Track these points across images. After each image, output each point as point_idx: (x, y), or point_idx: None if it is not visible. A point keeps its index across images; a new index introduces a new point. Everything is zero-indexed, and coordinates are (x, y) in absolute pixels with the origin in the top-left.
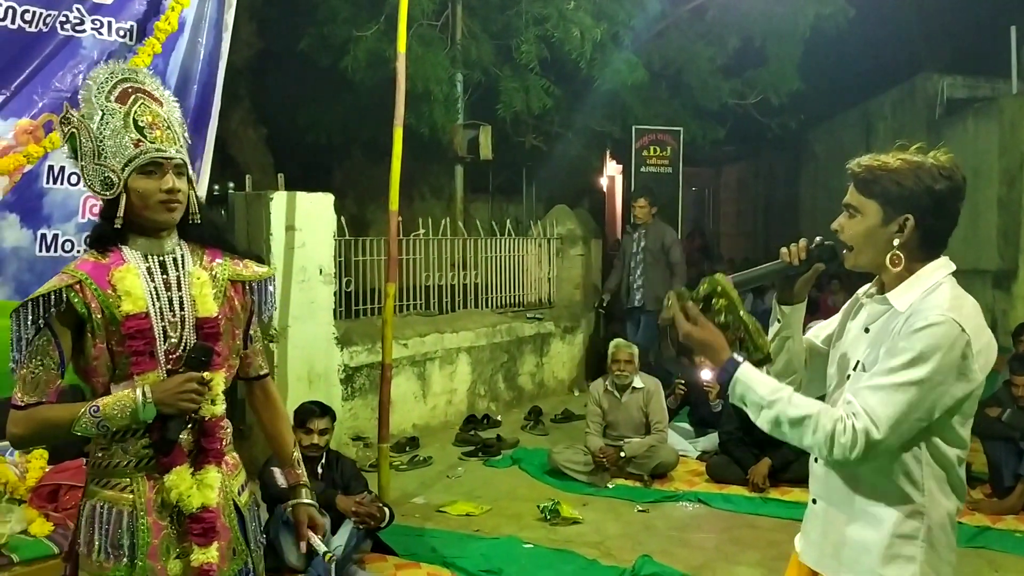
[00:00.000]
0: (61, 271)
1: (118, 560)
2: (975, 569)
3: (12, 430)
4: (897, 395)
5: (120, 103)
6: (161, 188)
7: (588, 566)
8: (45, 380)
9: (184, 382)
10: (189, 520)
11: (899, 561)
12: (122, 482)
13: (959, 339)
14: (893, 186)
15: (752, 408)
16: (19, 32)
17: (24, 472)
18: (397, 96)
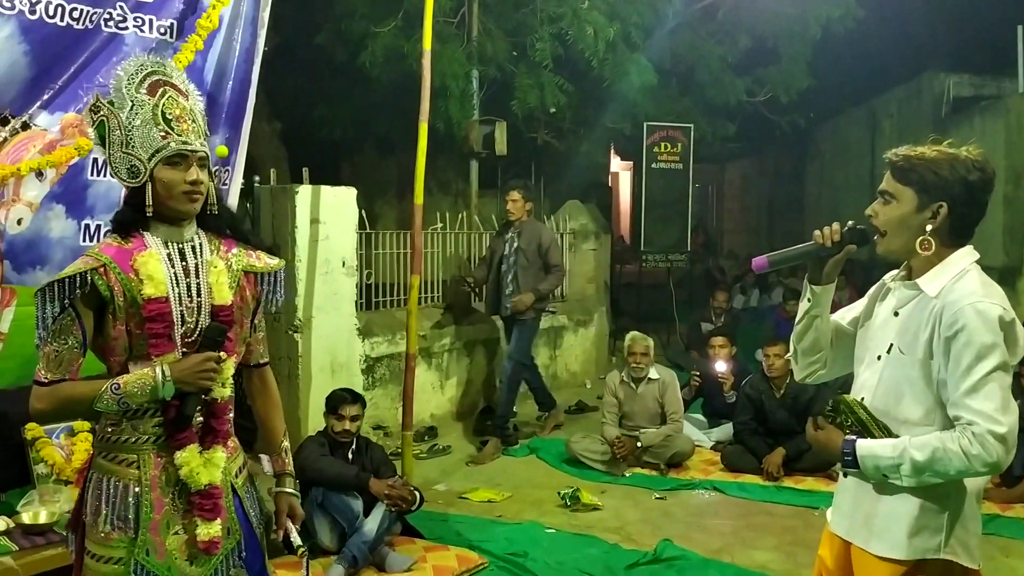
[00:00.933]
0: (85, 254)
1: (122, 532)
2: (986, 554)
3: (35, 405)
4: (990, 386)
5: (149, 95)
6: (186, 179)
7: (610, 549)
8: (68, 359)
9: (202, 361)
10: (197, 496)
11: (926, 532)
12: (129, 458)
13: (1005, 316)
14: (930, 175)
15: (891, 473)
16: (67, 29)
17: (70, 454)
18: (422, 93)
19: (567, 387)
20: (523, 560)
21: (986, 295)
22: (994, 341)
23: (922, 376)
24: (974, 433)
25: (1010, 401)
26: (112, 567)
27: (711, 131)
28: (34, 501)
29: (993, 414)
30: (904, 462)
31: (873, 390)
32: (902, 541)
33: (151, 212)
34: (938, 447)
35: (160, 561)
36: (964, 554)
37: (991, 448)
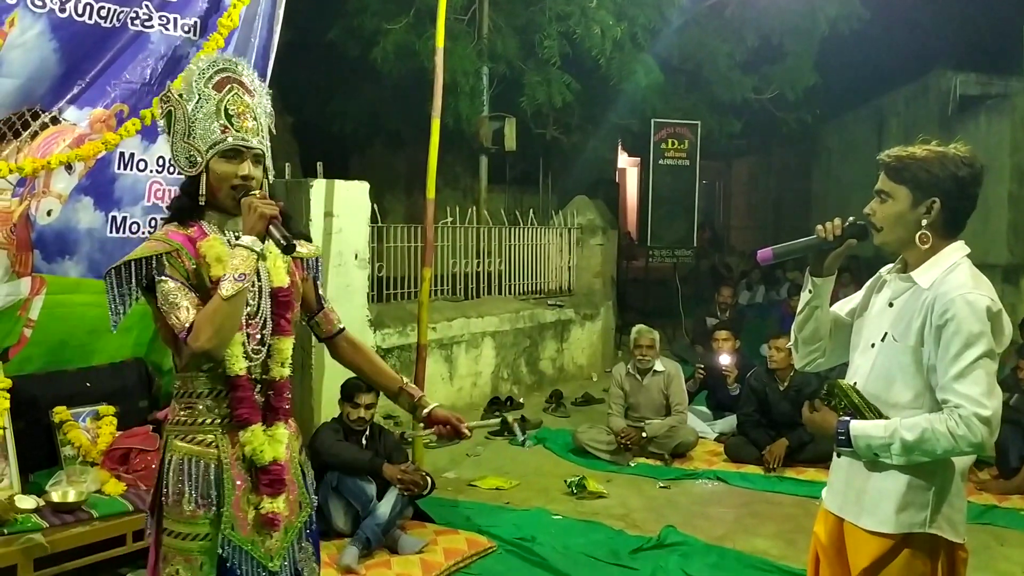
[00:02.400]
0: (152, 238)
1: (207, 509)
2: (982, 543)
3: (202, 346)
4: (976, 372)
5: (216, 90)
6: (238, 173)
7: (616, 535)
8: (191, 302)
9: (248, 207)
10: (260, 472)
11: (913, 508)
12: (207, 438)
13: (992, 307)
14: (922, 172)
15: (882, 452)
16: (95, 27)
17: (95, 437)
18: (435, 89)
19: (574, 380)
20: (530, 544)
21: (975, 287)
22: (981, 330)
23: (913, 362)
24: (961, 415)
25: (995, 386)
26: (198, 543)
27: (718, 128)
28: (62, 481)
29: (979, 398)
30: (894, 441)
31: (866, 375)
32: (890, 516)
33: (203, 201)
34: (926, 428)
35: (244, 535)
36: (949, 529)
37: (976, 430)
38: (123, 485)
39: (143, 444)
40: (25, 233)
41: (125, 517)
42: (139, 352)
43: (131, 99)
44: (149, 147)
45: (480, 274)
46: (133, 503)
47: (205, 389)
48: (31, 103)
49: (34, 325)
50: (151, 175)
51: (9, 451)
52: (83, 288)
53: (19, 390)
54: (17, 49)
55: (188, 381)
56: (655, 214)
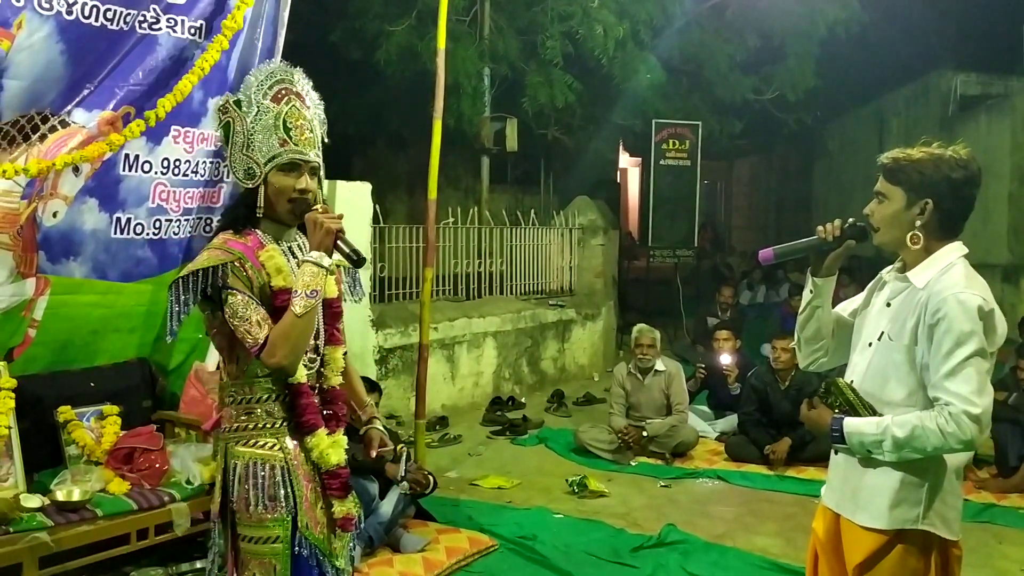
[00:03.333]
0: (212, 247)
1: (276, 511)
2: (981, 541)
3: (279, 362)
4: (967, 370)
5: (274, 103)
6: (296, 187)
7: (616, 534)
8: (261, 317)
9: (313, 223)
10: (327, 477)
11: (906, 504)
12: (269, 441)
13: (984, 307)
14: (916, 174)
15: (875, 449)
16: (102, 29)
17: (99, 436)
18: (437, 91)
19: (575, 379)
20: (532, 543)
21: (968, 287)
22: (973, 329)
23: (907, 360)
24: (951, 413)
25: (986, 385)
26: (271, 546)
27: (719, 128)
28: (66, 480)
29: (969, 396)
30: (886, 438)
31: (863, 374)
32: (884, 512)
33: (262, 213)
34: (917, 425)
35: (317, 534)
36: (942, 526)
37: (966, 427)
38: (127, 484)
39: (147, 443)
40: (31, 234)
41: (129, 516)
42: (143, 352)
43: (138, 101)
44: (154, 149)
45: (482, 274)
46: (137, 502)
47: (263, 395)
48: (40, 106)
49: (38, 325)
50: (156, 177)
51: (14, 450)
52: (87, 289)
53: (24, 390)
54: (24, 51)
55: (245, 388)
56: (656, 214)
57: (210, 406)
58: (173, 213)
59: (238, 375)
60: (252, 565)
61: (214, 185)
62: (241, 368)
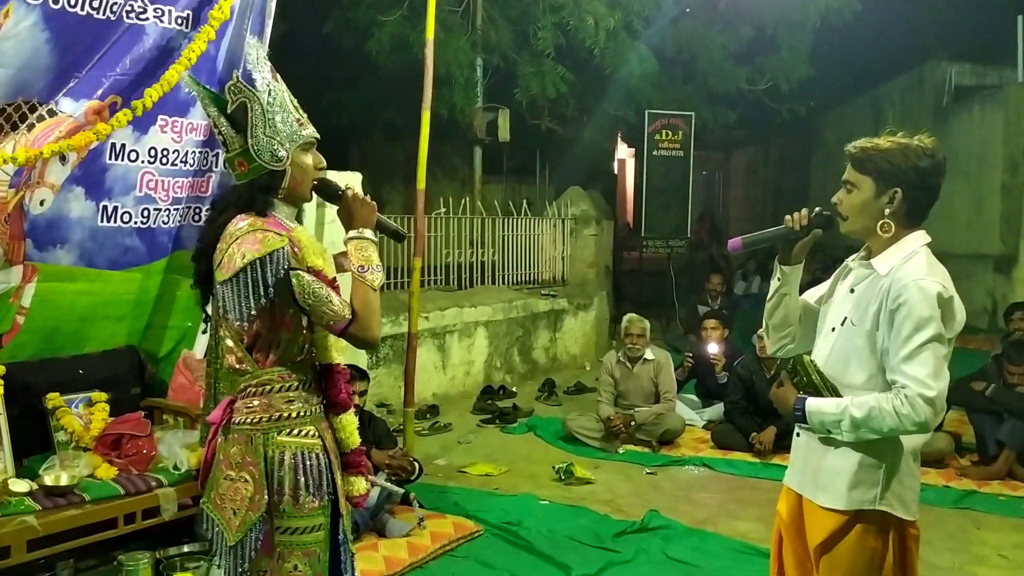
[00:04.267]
0: (259, 229)
1: (322, 499)
2: (960, 527)
3: (366, 334)
4: (924, 354)
5: (275, 80)
6: (316, 165)
7: (600, 519)
8: (333, 292)
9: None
10: (352, 455)
11: (863, 486)
12: (308, 429)
13: (943, 294)
14: (884, 163)
15: (834, 428)
16: (87, 18)
17: (88, 423)
18: (425, 81)
19: (567, 368)
20: (517, 528)
21: (929, 274)
22: (931, 315)
23: (867, 345)
24: (906, 395)
25: (942, 369)
26: (315, 535)
27: (712, 119)
28: (55, 466)
29: (925, 379)
30: (844, 418)
31: (826, 358)
32: (843, 493)
33: (283, 195)
34: (874, 406)
35: (344, 520)
36: (899, 506)
37: (920, 409)
38: (115, 470)
39: (135, 430)
40: (18, 222)
41: (117, 500)
42: (131, 340)
43: (124, 91)
44: (141, 138)
45: (474, 264)
46: (125, 487)
47: (297, 382)
48: (27, 95)
49: (27, 312)
50: (143, 165)
51: (3, 436)
52: (75, 276)
53: (13, 377)
54: (11, 40)
55: (284, 375)
56: (649, 205)
57: (198, 393)
58: (162, 202)
59: (275, 362)
60: (294, 557)
61: (203, 175)
62: (279, 354)
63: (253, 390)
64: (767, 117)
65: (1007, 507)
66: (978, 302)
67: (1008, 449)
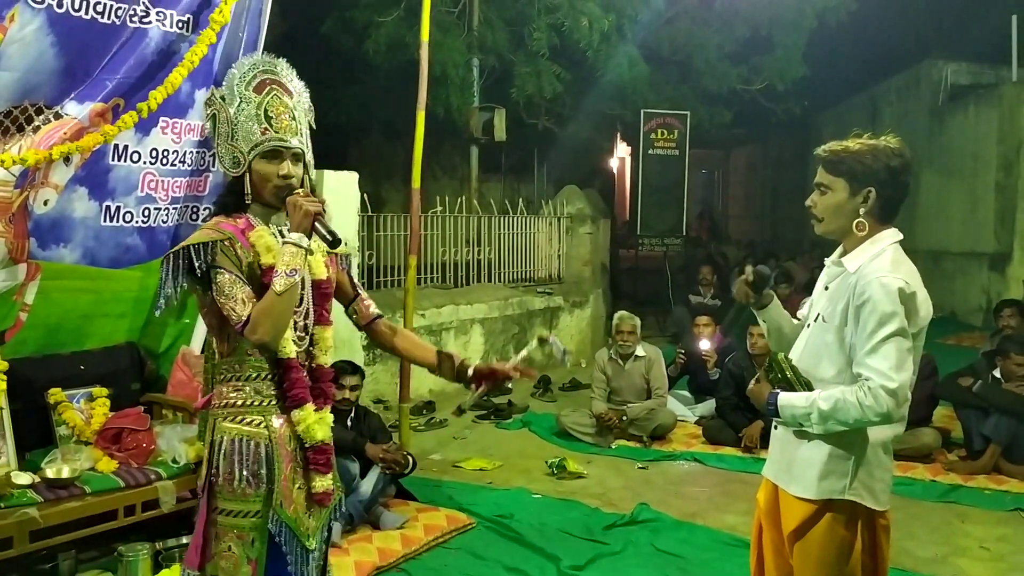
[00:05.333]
0: (205, 227)
1: (258, 487)
2: (944, 520)
3: (260, 338)
4: (886, 347)
5: (256, 93)
6: (278, 173)
7: (591, 513)
8: (246, 295)
9: (293, 206)
10: (311, 451)
11: (833, 476)
12: (256, 419)
13: (905, 289)
14: (857, 164)
15: (804, 421)
16: (92, 23)
17: (89, 417)
18: (420, 82)
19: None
20: (509, 521)
21: (893, 271)
22: (893, 310)
23: (836, 340)
24: (869, 387)
25: (905, 361)
26: (250, 520)
27: (708, 118)
28: (57, 459)
29: (887, 371)
30: (813, 411)
31: (800, 353)
32: (813, 483)
33: (250, 199)
34: (840, 398)
35: (290, 513)
36: (868, 496)
37: (882, 400)
38: (115, 463)
39: (134, 424)
40: (23, 222)
41: (117, 493)
42: (132, 337)
43: (127, 93)
44: (143, 139)
45: (470, 262)
46: (124, 480)
47: (253, 372)
48: (33, 98)
49: (29, 309)
50: (144, 166)
51: (6, 430)
52: (77, 274)
53: (16, 372)
54: (16, 44)
55: (235, 366)
56: (645, 203)
57: (196, 388)
58: (161, 201)
59: (229, 353)
60: (228, 538)
61: (200, 174)
62: (232, 346)
63: (217, 378)
64: (763, 117)
65: (992, 501)
66: (973, 300)
67: (994, 444)
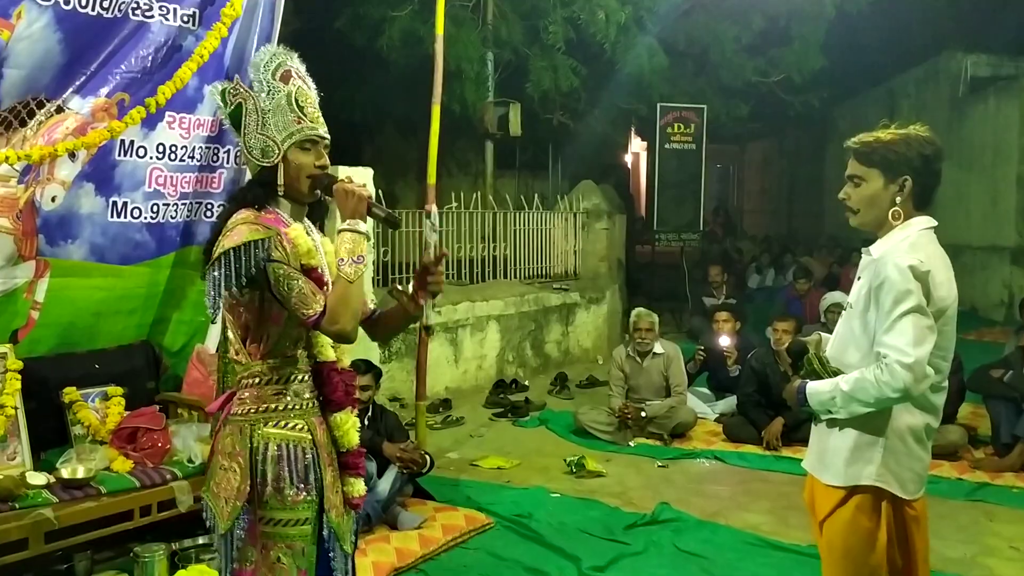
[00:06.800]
0: (245, 222)
1: (308, 492)
2: (972, 519)
3: (342, 328)
4: (902, 324)
5: (283, 82)
6: (315, 163)
7: (611, 512)
8: (312, 288)
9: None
10: (348, 456)
11: (860, 462)
12: (297, 423)
13: (919, 267)
14: (891, 154)
15: (831, 406)
16: (98, 18)
17: (104, 416)
18: (435, 76)
19: (579, 362)
20: (527, 521)
21: (910, 252)
22: (908, 288)
23: (861, 325)
24: (886, 363)
25: (924, 337)
26: (299, 528)
27: (725, 112)
28: (72, 459)
29: (903, 347)
30: (836, 394)
31: (832, 342)
32: (841, 470)
33: (282, 191)
34: (859, 378)
35: (335, 517)
36: (895, 483)
37: (898, 375)
38: (130, 463)
39: (150, 423)
40: (31, 218)
41: (132, 493)
42: (142, 334)
43: (131, 88)
44: (149, 134)
45: (486, 258)
46: (140, 480)
47: (294, 374)
48: (35, 92)
49: (41, 307)
50: (151, 162)
51: (21, 430)
52: (87, 271)
53: (30, 371)
54: (24, 41)
55: (272, 369)
56: (661, 198)
57: (211, 387)
58: (170, 197)
59: (265, 354)
60: (277, 548)
61: (213, 170)
62: (268, 347)
63: (247, 382)
64: (780, 110)
65: (1020, 499)
66: (994, 295)
67: (1022, 441)
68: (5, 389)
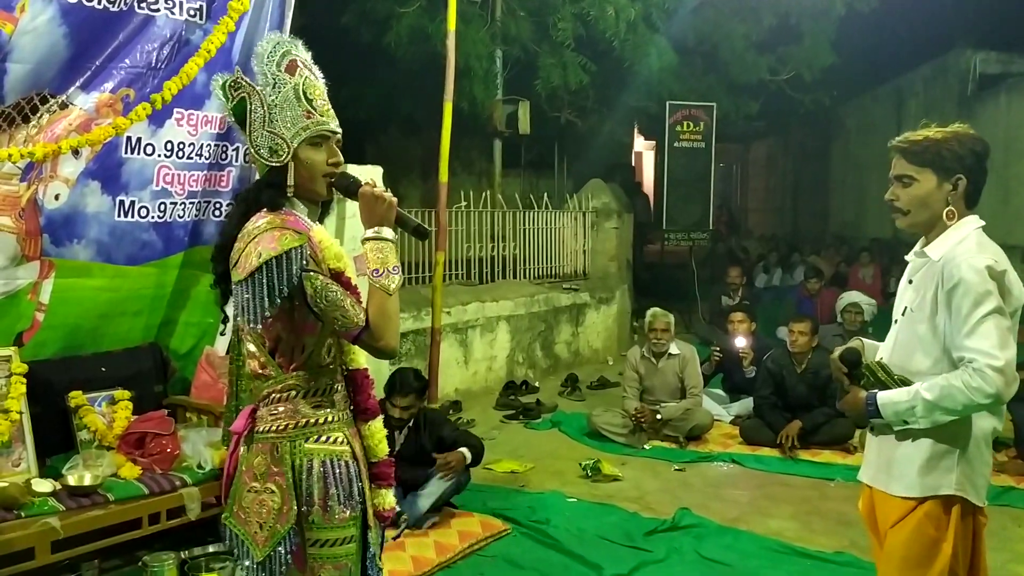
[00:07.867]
0: (275, 227)
1: (353, 509)
2: (1000, 524)
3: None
4: (985, 326)
5: (288, 74)
6: (328, 160)
7: (629, 518)
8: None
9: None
10: (380, 466)
11: (938, 471)
12: (336, 436)
13: (995, 267)
14: (945, 152)
15: (909, 417)
16: (103, 12)
17: (111, 421)
18: (447, 72)
19: (589, 363)
20: (545, 527)
21: (979, 252)
22: (988, 289)
23: (929, 330)
24: (974, 368)
25: (1008, 340)
26: (346, 547)
27: (734, 110)
28: (78, 465)
29: (990, 350)
30: (917, 403)
31: (891, 349)
32: (915, 481)
33: (292, 192)
34: (944, 385)
35: (372, 532)
36: (972, 491)
37: (990, 380)
38: (138, 469)
39: (158, 428)
40: (34, 217)
41: (141, 500)
42: (148, 336)
43: (136, 83)
44: (156, 132)
45: (495, 258)
46: (149, 487)
47: (325, 387)
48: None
49: (46, 309)
50: (159, 159)
51: (26, 435)
52: (93, 272)
53: (35, 375)
54: (28, 35)
55: (308, 380)
56: (670, 197)
57: (221, 390)
58: (178, 196)
59: (300, 366)
60: (325, 571)
61: (222, 168)
62: (304, 357)
63: (277, 396)
64: (789, 107)
65: None
66: None
67: None
68: (10, 393)
